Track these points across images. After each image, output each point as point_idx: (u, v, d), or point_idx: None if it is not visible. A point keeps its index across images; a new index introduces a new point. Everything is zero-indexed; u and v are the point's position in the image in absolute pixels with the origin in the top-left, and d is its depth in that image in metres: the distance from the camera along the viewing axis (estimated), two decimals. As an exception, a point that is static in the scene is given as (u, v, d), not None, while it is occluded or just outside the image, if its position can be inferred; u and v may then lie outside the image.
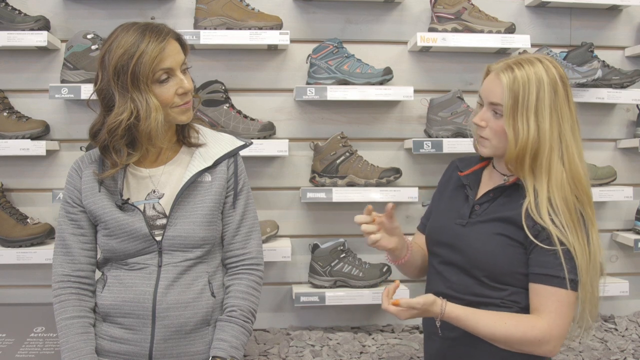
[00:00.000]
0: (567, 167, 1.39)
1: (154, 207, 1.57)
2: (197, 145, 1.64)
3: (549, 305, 1.35)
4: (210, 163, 1.60)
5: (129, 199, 1.56)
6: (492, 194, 1.49)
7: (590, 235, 1.38)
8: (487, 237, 1.43)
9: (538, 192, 1.38)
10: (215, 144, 1.66)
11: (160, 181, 1.60)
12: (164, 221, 1.56)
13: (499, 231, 1.42)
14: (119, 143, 1.50)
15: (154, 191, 1.59)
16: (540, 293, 1.36)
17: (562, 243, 1.34)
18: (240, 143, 1.68)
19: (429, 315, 1.39)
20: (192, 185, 1.57)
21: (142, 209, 1.56)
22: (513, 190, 1.45)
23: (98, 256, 1.64)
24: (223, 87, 2.27)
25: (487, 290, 1.42)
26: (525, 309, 1.42)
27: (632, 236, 2.41)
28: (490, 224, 1.44)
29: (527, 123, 1.37)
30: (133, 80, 1.45)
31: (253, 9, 2.26)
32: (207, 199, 1.58)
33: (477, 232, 1.46)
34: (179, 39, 1.55)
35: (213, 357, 1.52)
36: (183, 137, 1.65)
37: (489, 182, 1.54)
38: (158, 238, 1.54)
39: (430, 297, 1.37)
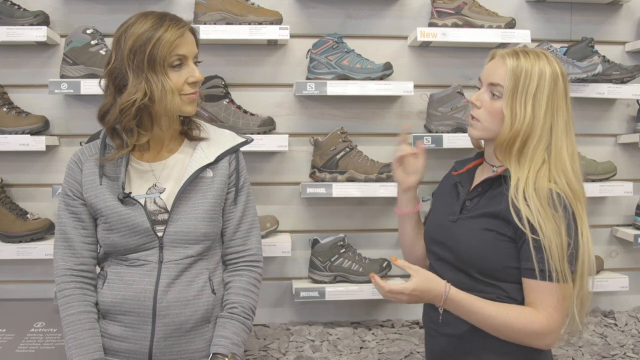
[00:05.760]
0: (552, 159, 1.40)
1: (155, 202, 1.56)
2: (200, 139, 1.64)
3: (545, 300, 1.35)
4: (212, 159, 1.60)
5: (130, 192, 1.55)
6: (481, 187, 1.49)
7: (579, 230, 1.38)
8: (475, 233, 1.43)
9: (519, 178, 1.39)
10: (217, 139, 1.66)
11: (162, 175, 1.59)
12: (165, 216, 1.55)
13: (487, 227, 1.42)
14: (131, 123, 1.50)
15: (155, 185, 1.58)
16: (534, 288, 1.36)
17: (533, 229, 1.34)
18: (241, 139, 1.68)
19: (432, 295, 1.37)
20: (193, 180, 1.57)
21: (142, 203, 1.55)
22: (501, 183, 1.45)
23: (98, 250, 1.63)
24: (223, 82, 2.27)
25: (481, 286, 1.42)
26: (521, 304, 1.41)
27: (632, 231, 2.41)
28: (478, 219, 1.44)
29: (525, 107, 1.39)
30: (149, 61, 1.47)
31: (253, 3, 2.26)
32: (209, 195, 1.58)
33: (466, 228, 1.46)
34: (193, 32, 1.58)
35: (214, 353, 1.51)
36: (187, 129, 1.65)
37: (481, 178, 1.54)
38: (159, 233, 1.53)
39: (429, 277, 1.39)
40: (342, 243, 2.30)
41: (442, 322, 1.46)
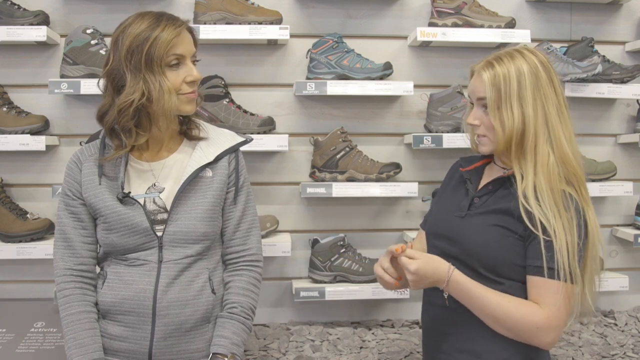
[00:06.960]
0: (556, 149, 1.41)
1: (154, 201, 1.56)
2: (199, 139, 1.64)
3: (549, 298, 1.35)
4: (211, 158, 1.60)
5: (130, 192, 1.55)
6: (492, 186, 1.50)
7: (587, 216, 1.40)
8: (483, 228, 1.44)
9: (526, 177, 1.40)
10: (216, 138, 1.66)
11: (161, 175, 1.59)
12: (164, 216, 1.55)
13: (496, 222, 1.43)
14: (129, 123, 1.50)
15: (155, 185, 1.58)
16: (538, 285, 1.37)
17: (544, 229, 1.35)
18: (241, 139, 1.68)
19: (436, 276, 1.39)
20: (193, 180, 1.57)
21: (142, 202, 1.55)
22: (512, 183, 1.46)
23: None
24: (223, 82, 2.27)
25: (486, 282, 1.42)
26: None
27: (632, 231, 2.41)
28: (488, 215, 1.45)
29: (512, 111, 1.40)
30: (147, 61, 1.47)
31: (253, 3, 2.26)
32: (209, 194, 1.58)
33: (474, 223, 1.47)
34: (191, 31, 1.58)
35: (214, 353, 1.51)
36: (186, 128, 1.65)
37: (489, 177, 1.55)
38: (159, 233, 1.53)
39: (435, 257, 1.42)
40: (342, 243, 2.30)
41: (447, 297, 1.46)
